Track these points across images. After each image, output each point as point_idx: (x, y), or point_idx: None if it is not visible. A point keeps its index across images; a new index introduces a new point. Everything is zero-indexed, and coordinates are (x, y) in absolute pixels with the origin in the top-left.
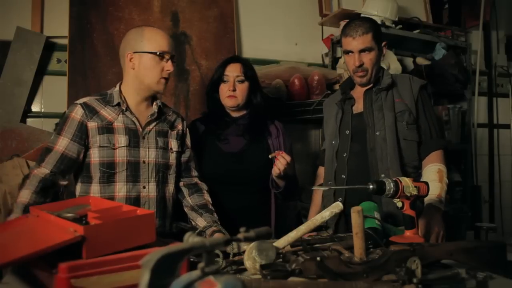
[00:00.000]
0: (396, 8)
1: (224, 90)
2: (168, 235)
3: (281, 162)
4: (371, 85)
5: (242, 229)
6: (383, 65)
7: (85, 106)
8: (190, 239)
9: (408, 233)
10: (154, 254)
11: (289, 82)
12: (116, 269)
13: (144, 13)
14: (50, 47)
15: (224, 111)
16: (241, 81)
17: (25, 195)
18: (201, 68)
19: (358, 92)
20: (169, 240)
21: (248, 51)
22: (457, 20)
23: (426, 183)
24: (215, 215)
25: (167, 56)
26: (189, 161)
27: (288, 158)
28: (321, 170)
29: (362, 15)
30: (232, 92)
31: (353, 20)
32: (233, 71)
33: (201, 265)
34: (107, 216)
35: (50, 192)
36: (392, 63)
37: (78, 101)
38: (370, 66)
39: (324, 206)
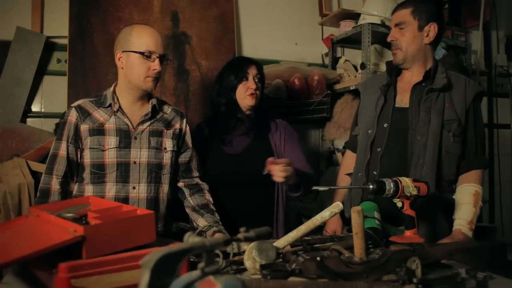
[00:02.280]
0: None
1: (243, 90)
2: (160, 236)
3: (277, 169)
4: (421, 78)
5: (242, 229)
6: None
7: (78, 108)
8: (190, 239)
9: (408, 233)
10: (154, 254)
11: (289, 82)
12: (116, 269)
13: (144, 13)
14: (50, 47)
15: (233, 112)
16: (259, 81)
17: None
18: (201, 68)
19: (404, 82)
20: (169, 240)
21: (248, 51)
22: (457, 20)
23: (426, 183)
24: (216, 215)
25: (154, 56)
26: (190, 161)
27: (280, 161)
28: (349, 155)
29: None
30: (255, 91)
31: None
32: (252, 71)
33: (201, 265)
34: (107, 216)
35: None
36: None
37: (74, 104)
38: (404, 45)
39: (351, 199)
